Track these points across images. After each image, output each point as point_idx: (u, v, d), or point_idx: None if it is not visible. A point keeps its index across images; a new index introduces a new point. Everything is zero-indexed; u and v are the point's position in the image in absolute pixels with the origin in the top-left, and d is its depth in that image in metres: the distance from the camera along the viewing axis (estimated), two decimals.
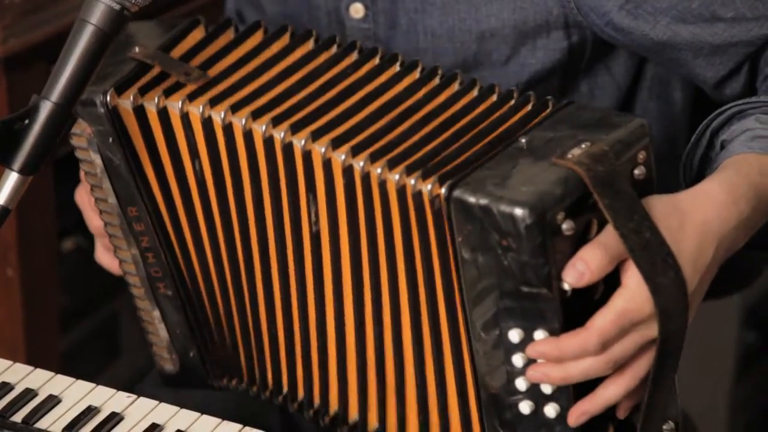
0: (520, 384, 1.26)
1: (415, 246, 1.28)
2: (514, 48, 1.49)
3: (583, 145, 1.23)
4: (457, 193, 1.21)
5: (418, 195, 1.24)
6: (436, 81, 1.37)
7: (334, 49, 1.41)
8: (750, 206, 1.27)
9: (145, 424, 1.32)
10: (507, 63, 1.50)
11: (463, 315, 1.27)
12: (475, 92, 1.35)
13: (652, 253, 1.20)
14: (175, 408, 1.35)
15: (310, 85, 1.36)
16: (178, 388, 1.55)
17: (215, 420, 1.33)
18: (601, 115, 1.29)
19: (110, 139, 1.38)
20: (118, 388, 1.38)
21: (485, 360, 1.27)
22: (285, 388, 1.47)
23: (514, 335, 1.23)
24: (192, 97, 1.35)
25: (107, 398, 1.36)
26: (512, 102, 1.33)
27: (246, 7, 1.67)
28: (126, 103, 1.36)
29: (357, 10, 1.53)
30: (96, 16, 1.24)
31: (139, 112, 1.36)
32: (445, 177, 1.23)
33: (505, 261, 1.21)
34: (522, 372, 1.25)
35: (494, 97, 1.34)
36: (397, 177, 1.25)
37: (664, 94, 1.56)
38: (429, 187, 1.23)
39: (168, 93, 1.36)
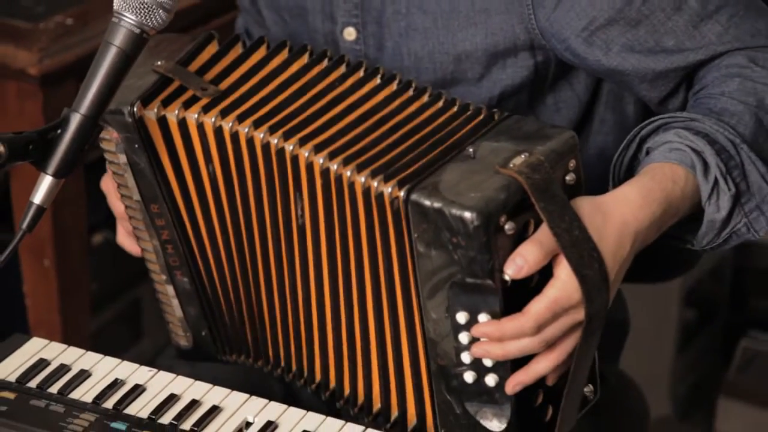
0: (465, 358, 1.28)
1: (377, 239, 1.29)
2: (486, 67, 1.49)
3: (523, 156, 1.25)
4: (414, 196, 1.23)
5: (380, 196, 1.26)
6: (410, 93, 1.37)
7: (325, 63, 1.41)
8: (661, 209, 1.29)
9: (165, 395, 1.32)
10: (480, 80, 1.50)
11: (417, 299, 1.29)
12: (440, 104, 1.36)
13: (580, 248, 1.23)
14: (191, 380, 1.35)
15: (303, 96, 1.36)
16: (192, 361, 1.55)
17: (226, 390, 1.33)
18: (538, 128, 1.30)
19: (136, 145, 1.38)
20: (141, 363, 1.38)
21: (435, 337, 1.29)
22: (282, 362, 1.48)
23: (461, 317, 1.26)
24: (206, 109, 1.35)
25: (131, 372, 1.36)
26: (468, 114, 1.34)
27: (253, 26, 1.67)
28: (151, 114, 1.35)
29: (350, 34, 1.52)
30: (119, 38, 1.24)
31: (162, 122, 1.36)
32: (404, 181, 1.24)
33: (455, 255, 1.23)
34: (467, 348, 1.27)
35: (455, 109, 1.35)
36: (363, 179, 1.27)
37: (619, 107, 1.56)
38: (390, 189, 1.25)
39: (187, 105, 1.36)
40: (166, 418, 1.29)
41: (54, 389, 1.33)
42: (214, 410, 1.30)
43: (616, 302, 1.70)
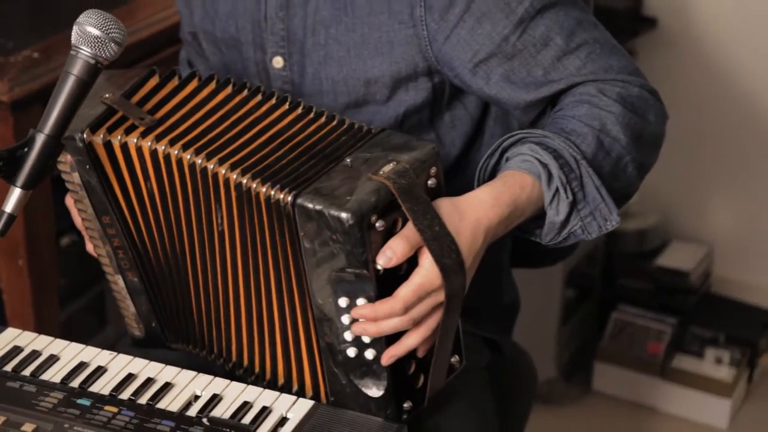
0: (347, 336, 1.30)
1: (276, 238, 1.30)
2: (392, 90, 1.48)
3: (391, 164, 1.26)
4: (299, 200, 1.25)
5: (276, 202, 1.27)
6: (310, 116, 1.37)
7: (245, 93, 1.40)
8: (509, 210, 1.31)
9: (124, 374, 1.32)
10: (387, 101, 1.49)
11: (307, 286, 1.30)
12: (333, 123, 1.36)
13: (440, 241, 1.25)
14: (146, 361, 1.34)
15: (224, 122, 1.36)
16: (145, 349, 1.53)
17: (176, 369, 1.33)
18: (405, 141, 1.32)
19: (87, 166, 1.37)
20: (104, 348, 1.37)
21: (322, 319, 1.31)
22: (215, 348, 1.47)
23: (343, 302, 1.28)
24: (144, 134, 1.34)
25: (94, 355, 1.35)
26: (351, 131, 1.35)
27: (194, 57, 1.65)
28: (98, 139, 1.34)
29: (278, 62, 1.52)
30: (77, 68, 1.24)
31: (108, 146, 1.35)
32: (292, 188, 1.26)
33: (335, 250, 1.24)
34: (348, 327, 1.29)
35: (343, 127, 1.36)
36: (264, 189, 1.27)
37: (505, 122, 1.56)
38: (282, 195, 1.26)
39: (128, 132, 1.35)
40: (125, 394, 1.28)
41: (27, 372, 1.32)
42: (167, 386, 1.30)
43: (509, 285, 1.71)
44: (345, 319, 1.29)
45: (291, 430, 1.23)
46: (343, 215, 1.22)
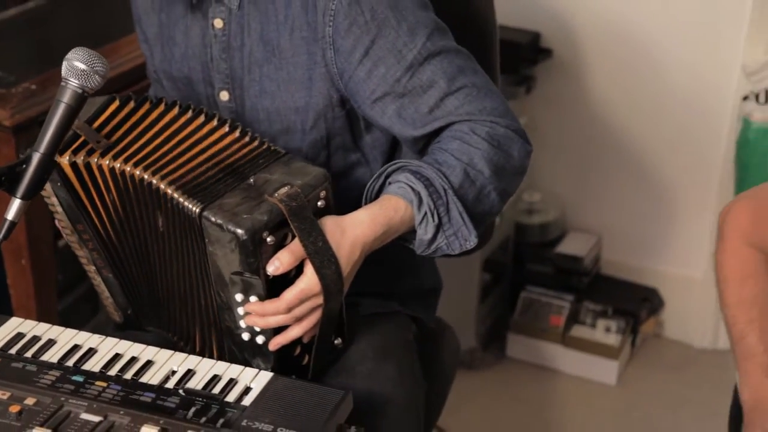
0: (242, 324, 1.32)
1: (195, 241, 1.31)
2: (315, 119, 1.47)
3: (286, 188, 1.28)
4: (206, 213, 1.26)
5: (192, 213, 1.27)
6: (236, 135, 1.37)
7: (189, 114, 1.39)
8: (383, 229, 1.34)
9: (111, 354, 1.30)
10: (312, 128, 1.47)
11: (210, 282, 1.31)
12: (255, 143, 1.36)
13: (321, 255, 1.27)
14: (130, 342, 1.33)
15: (169, 141, 1.35)
16: (125, 331, 1.52)
17: (156, 348, 1.31)
18: (301, 166, 1.33)
19: (58, 184, 1.35)
20: (95, 333, 1.35)
21: (222, 307, 1.32)
22: (170, 327, 1.47)
23: (238, 297, 1.29)
24: (103, 154, 1.33)
25: (86, 339, 1.33)
26: (261, 150, 1.35)
27: (159, 91, 1.62)
28: (65, 160, 1.33)
29: (224, 96, 1.50)
30: (66, 97, 1.22)
31: (74, 165, 1.34)
32: (203, 201, 1.27)
33: (233, 256, 1.26)
34: (242, 317, 1.31)
35: (255, 143, 1.36)
36: (187, 202, 1.28)
37: None
38: (193, 207, 1.27)
39: (89, 153, 1.34)
40: (113, 371, 1.27)
41: (29, 354, 1.30)
42: (148, 363, 1.29)
43: (431, 272, 1.71)
44: (240, 311, 1.30)
45: (254, 398, 1.22)
46: (239, 231, 1.24)
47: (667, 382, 2.66)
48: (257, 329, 1.32)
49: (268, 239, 1.25)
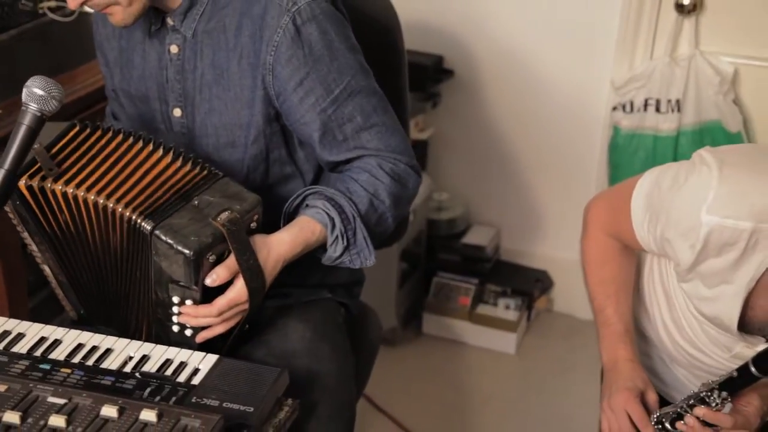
0: (174, 319, 1.32)
1: (141, 252, 1.30)
2: (256, 135, 1.46)
3: (227, 213, 1.28)
4: (156, 231, 1.26)
5: (144, 230, 1.27)
6: (179, 163, 1.35)
7: (135, 141, 1.36)
8: (301, 248, 1.37)
9: (75, 344, 1.28)
10: (254, 142, 1.46)
11: (150, 283, 1.31)
12: (196, 170, 1.35)
13: (251, 271, 1.30)
14: (91, 333, 1.30)
15: (116, 166, 1.33)
16: (82, 326, 1.48)
17: (114, 338, 1.29)
18: (238, 191, 1.33)
19: (18, 203, 1.33)
20: (60, 327, 1.32)
21: (158, 303, 1.32)
22: (119, 326, 1.45)
23: (176, 299, 1.30)
24: (56, 179, 1.31)
25: (52, 332, 1.31)
26: (203, 174, 1.34)
27: (117, 108, 1.59)
28: (22, 183, 1.31)
29: (177, 112, 1.48)
30: (27, 119, 1.19)
31: (30, 188, 1.31)
32: (154, 221, 1.26)
33: (177, 269, 1.26)
34: (176, 314, 1.32)
35: (196, 170, 1.35)
36: (139, 220, 1.27)
37: None
38: (148, 227, 1.26)
39: (43, 178, 1.31)
40: (77, 359, 1.25)
41: (1, 346, 1.26)
42: (108, 351, 1.27)
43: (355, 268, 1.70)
44: (175, 309, 1.31)
45: (202, 377, 1.21)
46: (187, 252, 1.24)
47: (558, 350, 2.70)
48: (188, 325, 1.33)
49: (210, 258, 1.27)
